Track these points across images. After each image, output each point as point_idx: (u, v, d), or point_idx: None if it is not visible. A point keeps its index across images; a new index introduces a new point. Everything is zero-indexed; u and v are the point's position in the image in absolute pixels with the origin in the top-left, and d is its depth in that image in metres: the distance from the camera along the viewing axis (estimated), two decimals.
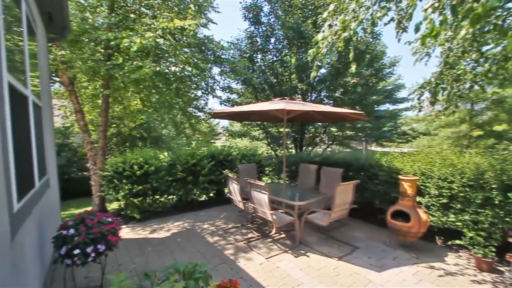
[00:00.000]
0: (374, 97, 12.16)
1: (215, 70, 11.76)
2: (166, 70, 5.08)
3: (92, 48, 5.07)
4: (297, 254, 3.85)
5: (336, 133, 12.72)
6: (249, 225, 5.10)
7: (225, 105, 9.95)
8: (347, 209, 4.16)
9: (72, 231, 2.70)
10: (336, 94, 10.44)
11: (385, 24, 3.23)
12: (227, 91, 8.09)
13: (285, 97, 4.77)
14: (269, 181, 7.72)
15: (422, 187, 4.19)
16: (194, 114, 7.30)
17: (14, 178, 1.94)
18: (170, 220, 5.46)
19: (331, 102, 10.57)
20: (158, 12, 5.13)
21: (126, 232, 4.76)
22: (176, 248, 4.09)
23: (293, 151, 11.02)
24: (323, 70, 9.64)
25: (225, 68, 6.66)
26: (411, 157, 4.82)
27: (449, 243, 3.97)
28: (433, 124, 15.15)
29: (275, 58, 10.10)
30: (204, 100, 7.26)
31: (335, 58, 8.46)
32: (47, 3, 3.45)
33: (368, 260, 3.66)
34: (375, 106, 12.61)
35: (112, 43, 4.60)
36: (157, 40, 4.45)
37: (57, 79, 6.61)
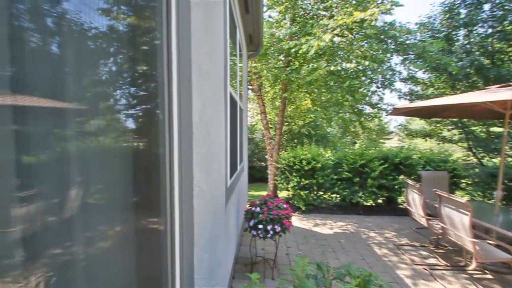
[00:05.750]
0: None
1: (395, 59, 10.27)
2: (339, 68, 5.06)
3: (276, 57, 5.98)
4: None
5: None
6: (431, 247, 4.10)
7: (405, 99, 8.52)
8: None
9: (258, 209, 3.31)
10: None
11: None
12: (409, 82, 6.82)
13: (510, 83, 3.33)
14: (466, 197, 5.85)
15: None
16: (364, 111, 6.81)
17: (229, 161, 2.64)
18: (333, 218, 5.46)
19: None
20: (335, 10, 5.19)
21: (293, 220, 5.28)
22: (339, 248, 4.02)
23: None
24: None
25: (409, 56, 5.67)
26: None
27: None
28: None
29: (489, 31, 7.40)
30: (379, 95, 6.59)
31: None
32: (250, 28, 4.41)
33: None
34: None
35: (292, 50, 5.17)
36: (334, 39, 4.50)
37: (250, 86, 8.42)
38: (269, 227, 3.14)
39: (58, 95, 0.53)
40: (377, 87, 6.34)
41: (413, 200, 4.07)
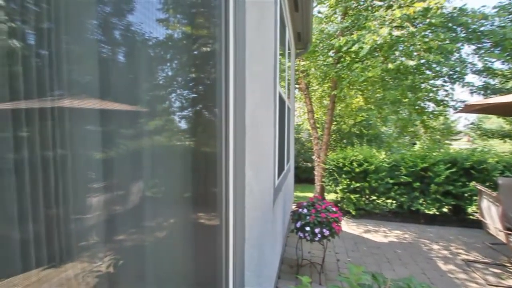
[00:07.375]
0: None
1: (466, 49, 8.91)
2: (397, 62, 4.61)
3: (325, 54, 5.75)
4: None
5: None
6: (510, 267, 3.48)
7: (478, 94, 7.37)
8: None
9: (305, 210, 3.23)
10: None
11: None
12: (485, 74, 5.85)
13: None
14: None
15: None
16: (427, 109, 6.06)
17: (277, 160, 2.63)
18: (387, 225, 5.03)
19: None
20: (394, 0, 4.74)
21: (341, 224, 5.03)
22: (395, 259, 3.68)
23: None
24: None
25: (484, 45, 4.88)
26: None
27: None
28: None
29: None
30: (446, 90, 5.79)
31: None
32: (299, 26, 4.33)
33: None
34: None
35: (344, 48, 4.89)
36: (392, 33, 4.11)
37: (297, 85, 8.28)
38: (316, 230, 3.04)
39: (135, 101, 0.59)
40: (444, 81, 5.56)
41: (488, 210, 3.49)
